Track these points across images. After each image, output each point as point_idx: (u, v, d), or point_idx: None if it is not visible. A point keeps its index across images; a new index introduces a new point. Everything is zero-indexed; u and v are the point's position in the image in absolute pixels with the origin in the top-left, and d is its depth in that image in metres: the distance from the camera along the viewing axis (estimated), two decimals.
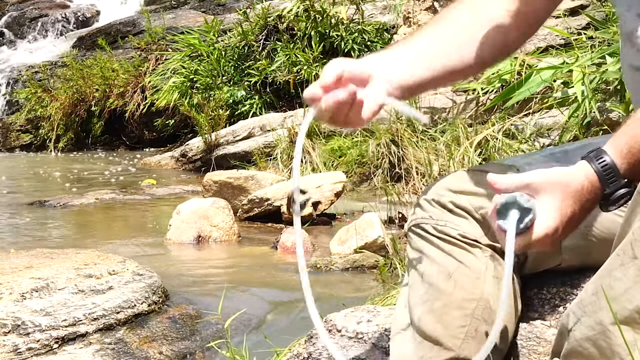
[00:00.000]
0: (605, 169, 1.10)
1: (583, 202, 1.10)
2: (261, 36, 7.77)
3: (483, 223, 1.31)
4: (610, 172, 1.09)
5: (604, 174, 1.10)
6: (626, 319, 0.99)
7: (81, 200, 5.03)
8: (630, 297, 0.99)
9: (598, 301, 1.03)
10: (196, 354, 2.27)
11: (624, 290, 1.00)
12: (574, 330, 1.06)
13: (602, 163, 1.10)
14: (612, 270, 1.03)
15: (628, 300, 0.99)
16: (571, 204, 1.10)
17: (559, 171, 1.11)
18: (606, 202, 1.12)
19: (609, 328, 1.01)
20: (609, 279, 1.02)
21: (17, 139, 9.20)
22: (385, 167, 4.93)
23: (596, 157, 1.10)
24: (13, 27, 11.11)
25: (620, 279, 1.01)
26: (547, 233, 1.09)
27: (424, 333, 1.27)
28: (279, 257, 3.52)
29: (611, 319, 1.00)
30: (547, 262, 1.37)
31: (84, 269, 2.42)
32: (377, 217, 3.46)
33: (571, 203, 1.10)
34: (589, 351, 1.03)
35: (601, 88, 4.37)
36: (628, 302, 0.99)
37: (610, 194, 1.10)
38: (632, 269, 1.00)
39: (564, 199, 1.09)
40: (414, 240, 1.35)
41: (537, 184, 1.10)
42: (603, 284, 1.03)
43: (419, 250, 1.33)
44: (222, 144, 6.65)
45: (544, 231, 1.09)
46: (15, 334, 2.13)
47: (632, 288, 0.99)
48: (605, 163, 1.10)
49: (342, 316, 1.59)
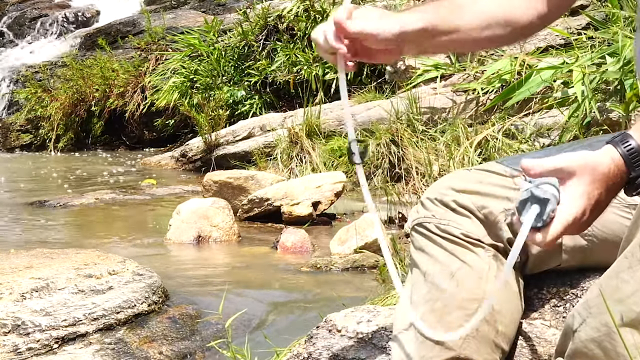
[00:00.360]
0: (630, 153, 1.10)
1: (609, 186, 1.11)
2: (261, 36, 7.77)
3: (486, 222, 1.31)
4: (636, 156, 1.10)
5: (630, 157, 1.10)
6: (632, 322, 0.99)
7: (81, 200, 5.03)
8: (638, 299, 0.99)
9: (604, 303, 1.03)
10: (196, 354, 2.27)
11: (631, 292, 0.99)
12: (579, 331, 1.06)
13: (627, 147, 1.10)
14: (619, 272, 1.02)
15: (635, 303, 0.99)
16: (598, 187, 1.10)
17: (587, 154, 1.11)
18: (631, 186, 1.12)
19: (615, 330, 1.00)
20: (616, 280, 1.02)
21: (17, 139, 9.20)
22: (385, 167, 4.93)
23: (622, 141, 1.11)
24: (13, 27, 11.10)
25: (628, 281, 1.00)
26: (575, 217, 1.08)
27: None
28: (279, 257, 3.52)
29: (617, 321, 1.00)
30: (548, 262, 1.37)
31: (84, 269, 2.42)
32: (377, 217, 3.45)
33: (598, 186, 1.10)
34: (593, 352, 1.03)
35: (601, 88, 4.37)
36: (635, 305, 0.99)
37: (635, 178, 1.10)
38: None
39: (591, 182, 1.09)
40: (417, 239, 1.35)
41: (569, 168, 1.10)
42: (610, 286, 1.03)
43: (421, 249, 1.33)
44: (222, 144, 6.65)
45: (571, 216, 1.08)
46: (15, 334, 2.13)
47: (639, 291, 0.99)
48: (631, 147, 1.10)
49: (342, 316, 1.59)
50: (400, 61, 6.33)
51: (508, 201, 1.31)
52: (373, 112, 5.80)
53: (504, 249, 1.31)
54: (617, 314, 1.00)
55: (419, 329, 1.28)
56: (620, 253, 1.05)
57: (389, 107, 5.41)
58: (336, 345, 1.52)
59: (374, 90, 6.64)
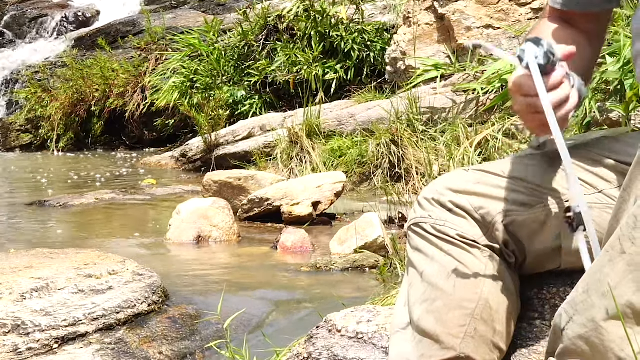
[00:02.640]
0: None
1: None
2: (261, 36, 7.77)
3: (482, 223, 1.31)
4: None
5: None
6: (617, 315, 0.99)
7: (81, 200, 5.03)
8: (621, 292, 0.99)
9: (589, 299, 1.03)
10: (196, 354, 2.27)
11: (614, 285, 1.00)
12: (566, 329, 1.07)
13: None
14: (601, 266, 1.03)
15: (619, 295, 0.99)
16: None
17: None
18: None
19: (601, 324, 1.01)
20: (599, 275, 1.03)
21: (17, 139, 9.21)
22: (385, 167, 4.93)
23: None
24: (13, 27, 11.11)
25: (609, 274, 1.01)
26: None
27: (424, 332, 1.28)
28: (279, 257, 3.51)
29: (603, 315, 1.00)
30: (547, 264, 1.37)
31: (84, 269, 2.42)
32: (377, 217, 3.45)
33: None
34: (582, 349, 1.04)
35: (601, 88, 4.37)
36: (619, 297, 0.99)
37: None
38: (621, 264, 1.00)
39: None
40: (414, 239, 1.35)
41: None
42: (593, 281, 1.03)
43: (418, 249, 1.34)
44: (222, 144, 6.65)
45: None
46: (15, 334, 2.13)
47: (621, 283, 0.99)
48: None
49: (342, 316, 1.59)
50: (400, 61, 6.34)
51: (506, 202, 1.31)
52: (373, 112, 5.80)
53: (499, 249, 1.32)
54: (602, 309, 1.00)
55: (417, 328, 1.28)
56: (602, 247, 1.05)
57: (389, 107, 5.41)
58: (336, 345, 1.52)
59: (374, 90, 6.65)
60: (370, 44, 7.27)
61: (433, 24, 6.22)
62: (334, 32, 7.29)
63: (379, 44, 7.25)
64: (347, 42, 7.23)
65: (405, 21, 6.41)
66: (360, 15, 7.47)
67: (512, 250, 1.33)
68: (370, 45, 7.26)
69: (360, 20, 7.45)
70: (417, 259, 1.34)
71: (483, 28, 5.92)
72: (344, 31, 7.29)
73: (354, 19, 7.49)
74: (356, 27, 7.36)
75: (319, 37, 7.30)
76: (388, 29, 7.40)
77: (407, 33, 6.34)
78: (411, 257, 1.35)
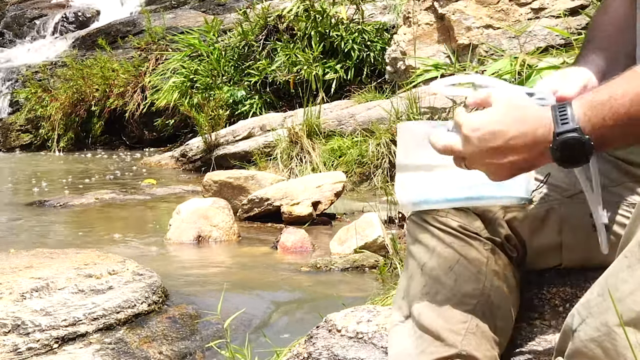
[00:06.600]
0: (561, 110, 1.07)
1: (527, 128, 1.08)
2: (261, 36, 7.77)
3: (484, 217, 1.31)
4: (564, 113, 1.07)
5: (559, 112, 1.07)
6: (632, 321, 0.99)
7: (81, 200, 5.03)
8: (637, 298, 0.98)
9: (604, 302, 1.02)
10: (196, 354, 2.27)
11: (629, 292, 0.99)
12: (578, 330, 1.06)
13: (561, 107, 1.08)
14: (618, 271, 1.02)
15: (634, 302, 0.99)
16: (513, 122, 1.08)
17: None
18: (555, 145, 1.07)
19: (615, 329, 1.00)
20: (615, 280, 1.02)
21: (17, 139, 9.21)
22: (385, 167, 4.93)
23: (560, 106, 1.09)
24: (13, 27, 11.11)
25: (627, 280, 1.00)
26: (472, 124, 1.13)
27: (424, 327, 1.27)
28: (279, 257, 3.51)
29: (617, 320, 1.00)
30: (548, 260, 1.37)
31: (84, 268, 2.42)
32: (377, 217, 3.45)
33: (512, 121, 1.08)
34: (593, 352, 1.03)
35: None
36: (634, 304, 0.98)
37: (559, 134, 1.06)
38: (639, 271, 0.99)
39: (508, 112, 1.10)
40: (414, 230, 1.34)
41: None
42: (609, 285, 1.03)
43: (418, 240, 1.33)
44: (222, 143, 6.65)
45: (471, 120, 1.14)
46: (15, 333, 2.13)
47: (638, 290, 0.99)
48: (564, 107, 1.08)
49: (342, 316, 1.59)
50: (400, 61, 6.34)
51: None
52: (373, 112, 5.80)
53: (501, 243, 1.31)
54: (616, 314, 1.00)
55: (417, 322, 1.28)
56: (620, 252, 1.04)
57: (389, 107, 5.41)
58: (336, 345, 1.52)
59: (374, 90, 6.65)
60: (370, 44, 7.27)
61: (433, 23, 6.22)
62: (334, 32, 7.29)
63: (379, 44, 7.26)
64: (347, 42, 7.23)
65: (405, 21, 6.41)
66: (360, 15, 7.47)
67: (514, 244, 1.33)
68: (370, 45, 7.26)
69: (360, 20, 7.46)
70: (417, 251, 1.33)
71: (483, 28, 5.92)
72: (344, 31, 7.29)
73: (354, 19, 7.49)
74: (356, 27, 7.37)
75: (319, 37, 7.30)
76: (388, 29, 7.40)
77: (407, 33, 6.34)
78: (411, 249, 1.35)
